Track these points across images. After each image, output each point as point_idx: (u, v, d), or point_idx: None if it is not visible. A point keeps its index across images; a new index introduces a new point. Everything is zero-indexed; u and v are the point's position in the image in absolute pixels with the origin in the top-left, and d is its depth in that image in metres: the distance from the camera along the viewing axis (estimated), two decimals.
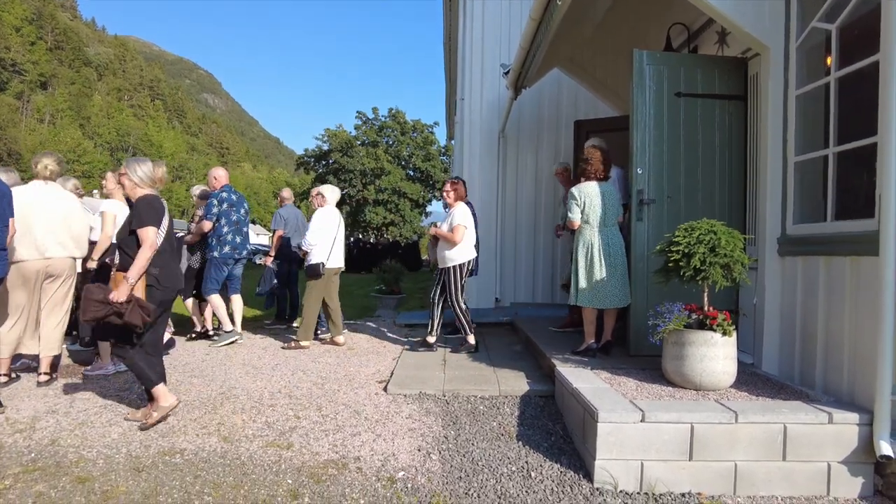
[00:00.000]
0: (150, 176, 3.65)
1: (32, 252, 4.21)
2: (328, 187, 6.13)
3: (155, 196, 3.63)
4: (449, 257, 5.25)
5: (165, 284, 3.55)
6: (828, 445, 2.92)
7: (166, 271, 3.58)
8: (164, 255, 3.58)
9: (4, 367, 4.31)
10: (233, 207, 6.09)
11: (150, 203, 3.53)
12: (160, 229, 3.52)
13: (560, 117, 8.12)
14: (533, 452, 3.23)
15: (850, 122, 3.46)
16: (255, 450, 3.22)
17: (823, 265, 3.43)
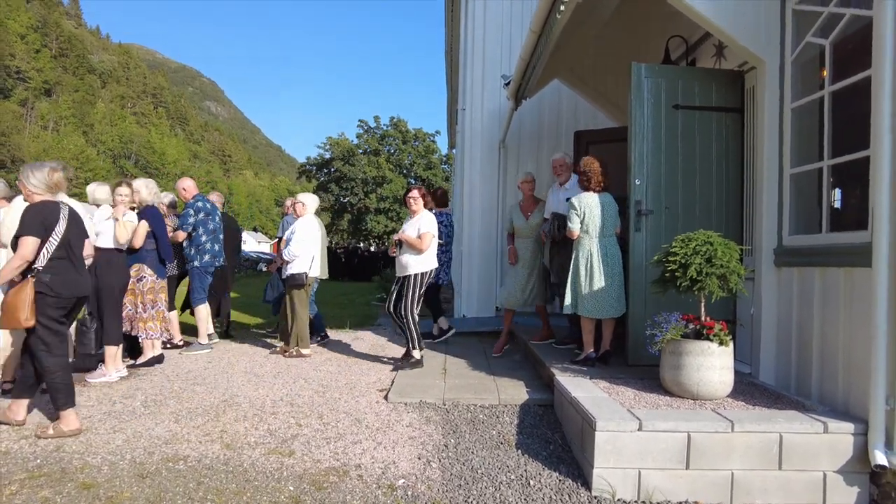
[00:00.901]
0: (45, 182, 3.62)
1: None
2: (308, 195, 6.16)
3: (46, 203, 3.59)
4: (410, 265, 5.05)
5: (58, 292, 3.52)
6: (823, 455, 2.96)
7: (61, 279, 3.54)
8: (59, 262, 3.55)
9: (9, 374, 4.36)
10: (209, 216, 6.19)
11: (38, 211, 3.52)
12: (53, 236, 3.52)
13: (560, 128, 8.20)
14: (532, 461, 3.27)
15: (844, 135, 3.51)
16: (258, 457, 3.26)
17: (819, 276, 3.48)
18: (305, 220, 5.91)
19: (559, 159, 5.56)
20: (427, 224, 5.09)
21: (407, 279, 5.09)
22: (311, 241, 5.84)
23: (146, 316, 5.27)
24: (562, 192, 5.39)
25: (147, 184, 5.55)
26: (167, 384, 4.68)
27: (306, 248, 5.77)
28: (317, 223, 6.00)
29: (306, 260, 5.78)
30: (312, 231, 5.88)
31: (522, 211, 5.57)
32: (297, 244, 5.73)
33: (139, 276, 5.28)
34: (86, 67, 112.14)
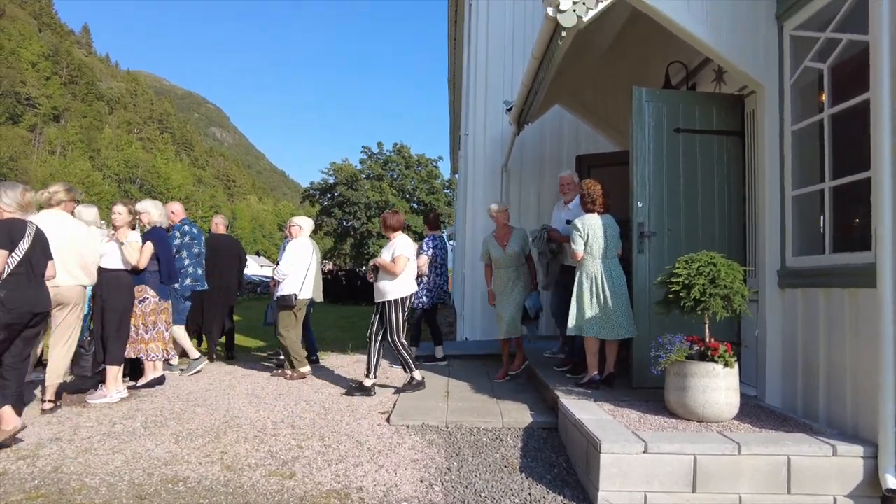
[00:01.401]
0: (17, 201, 3.82)
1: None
2: (303, 218, 6.18)
3: (14, 221, 3.76)
4: (388, 290, 4.97)
5: (11, 307, 3.61)
6: (833, 479, 2.91)
7: (15, 294, 3.63)
8: (16, 278, 3.66)
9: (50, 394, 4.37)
10: (194, 241, 6.23)
11: (6, 227, 3.67)
12: (16, 252, 3.65)
13: (561, 152, 8.27)
14: (536, 484, 3.22)
15: (845, 156, 3.54)
16: (258, 479, 3.22)
17: (823, 297, 3.47)
18: (298, 241, 5.90)
19: (567, 177, 5.55)
20: (401, 247, 5.03)
21: (386, 306, 5.02)
22: (303, 262, 5.81)
23: (147, 337, 5.25)
24: (564, 211, 5.38)
25: (156, 205, 5.61)
26: (168, 405, 4.64)
27: (297, 269, 5.75)
28: (311, 245, 5.99)
29: (297, 281, 5.75)
30: (304, 253, 5.85)
31: (498, 241, 5.40)
32: (286, 264, 5.73)
33: (142, 298, 5.27)
34: (94, 94, 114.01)
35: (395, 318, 5.00)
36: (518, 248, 5.31)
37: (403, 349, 5.05)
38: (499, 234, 5.45)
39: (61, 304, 4.40)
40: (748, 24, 4.06)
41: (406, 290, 5.06)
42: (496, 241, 5.41)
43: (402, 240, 5.14)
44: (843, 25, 3.51)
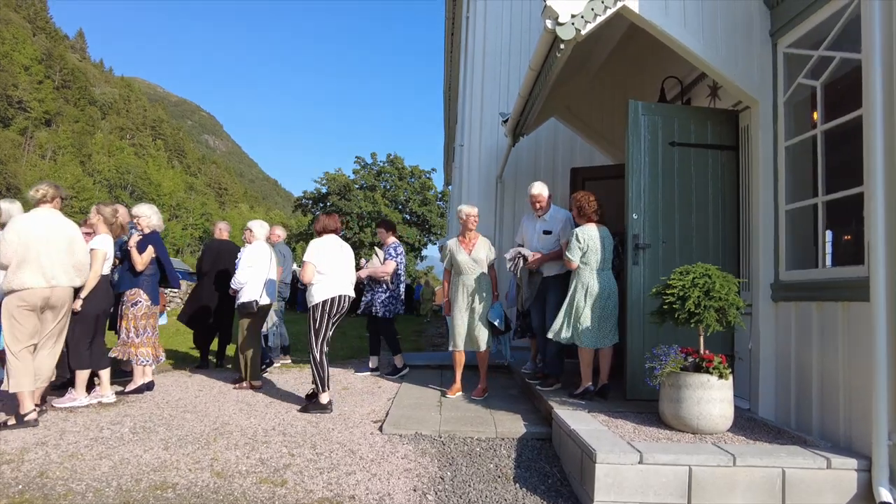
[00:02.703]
0: None
1: (39, 279, 4.10)
2: (258, 222, 6.06)
3: None
4: (308, 295, 4.84)
5: None
6: (827, 491, 2.92)
7: None
8: None
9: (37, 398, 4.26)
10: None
11: None
12: None
13: (556, 165, 8.32)
14: (530, 495, 3.19)
15: (838, 172, 3.59)
16: (249, 486, 3.17)
17: (816, 310, 3.50)
18: (252, 247, 5.75)
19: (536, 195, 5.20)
20: (307, 253, 4.84)
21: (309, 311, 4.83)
22: (260, 268, 5.66)
23: (138, 341, 5.20)
24: (540, 222, 5.15)
25: (153, 208, 5.58)
26: (157, 411, 4.58)
27: (255, 276, 5.61)
28: (268, 250, 5.86)
29: (254, 288, 5.62)
30: (261, 258, 5.70)
31: (463, 245, 5.17)
32: (242, 272, 5.60)
33: (134, 301, 5.23)
34: (87, 99, 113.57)
35: (312, 325, 4.74)
36: (483, 255, 5.10)
37: (316, 364, 4.71)
38: (464, 238, 5.21)
39: (54, 306, 4.26)
40: (743, 40, 4.13)
41: (321, 296, 4.73)
42: (461, 246, 5.17)
43: (312, 244, 4.89)
44: (836, 44, 3.58)
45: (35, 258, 4.11)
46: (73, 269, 4.35)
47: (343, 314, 4.94)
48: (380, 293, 6.30)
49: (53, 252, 4.21)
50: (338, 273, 4.87)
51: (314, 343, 4.73)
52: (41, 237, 4.16)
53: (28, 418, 4.03)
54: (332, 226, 5.06)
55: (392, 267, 6.28)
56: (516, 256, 5.02)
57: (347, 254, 5.09)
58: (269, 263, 5.78)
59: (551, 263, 5.01)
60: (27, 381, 4.07)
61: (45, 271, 4.14)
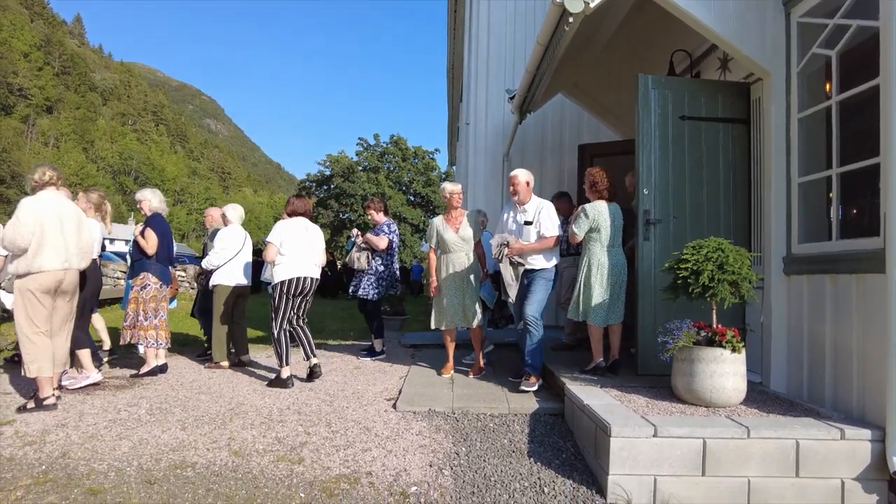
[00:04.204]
0: None
1: (55, 262, 4.10)
2: (231, 206, 6.11)
3: None
4: (270, 275, 4.99)
5: None
6: (841, 462, 2.93)
7: None
8: None
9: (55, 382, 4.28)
10: None
11: None
12: None
13: (563, 141, 8.25)
14: (545, 469, 3.23)
15: (853, 143, 3.55)
16: (267, 464, 3.22)
17: (830, 283, 3.48)
18: (226, 230, 5.84)
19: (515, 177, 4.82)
20: (270, 235, 5.01)
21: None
22: (232, 251, 5.75)
23: (147, 324, 5.23)
24: (520, 213, 4.77)
25: (155, 192, 5.60)
26: (172, 393, 4.63)
27: (226, 258, 5.72)
28: (241, 234, 5.92)
29: (225, 270, 5.72)
30: (234, 241, 5.78)
31: (449, 223, 5.09)
32: (215, 255, 5.71)
33: (143, 285, 5.26)
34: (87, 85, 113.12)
35: (272, 304, 4.95)
36: (470, 232, 5.01)
37: (275, 341, 4.93)
38: (450, 216, 5.14)
39: (66, 290, 4.28)
40: (755, 10, 4.05)
41: (282, 275, 4.91)
42: (447, 224, 5.09)
43: (277, 225, 5.06)
44: (852, 12, 3.50)
45: (51, 241, 4.11)
46: (81, 251, 4.36)
47: (307, 295, 5.14)
48: (369, 275, 6.18)
49: (68, 235, 4.22)
50: (301, 255, 5.01)
51: (274, 321, 4.96)
52: (55, 220, 4.16)
53: (47, 402, 4.08)
54: (301, 208, 5.21)
55: (385, 242, 6.18)
56: (502, 244, 4.75)
57: (314, 236, 5.20)
58: (242, 245, 5.88)
59: (536, 256, 4.63)
60: (46, 365, 4.09)
61: (61, 254, 4.15)
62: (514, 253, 4.62)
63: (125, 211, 79.40)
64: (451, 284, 4.99)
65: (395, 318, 9.27)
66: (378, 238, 6.15)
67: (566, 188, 8.02)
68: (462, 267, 4.99)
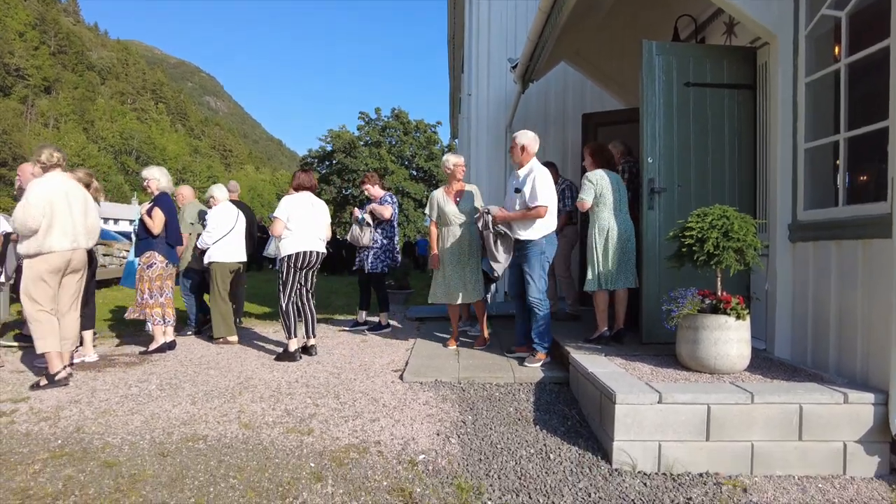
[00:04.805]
0: None
1: (65, 242, 4.16)
2: (215, 187, 6.30)
3: None
4: (277, 249, 5.09)
5: None
6: (843, 425, 2.96)
7: None
8: None
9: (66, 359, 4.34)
10: None
11: None
12: None
13: (567, 111, 8.16)
14: (550, 436, 3.27)
15: (861, 107, 3.49)
16: (277, 436, 3.27)
17: (835, 249, 3.47)
18: (217, 209, 6.01)
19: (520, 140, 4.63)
20: (277, 210, 5.08)
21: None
22: (224, 229, 5.92)
23: (153, 302, 5.28)
24: (514, 178, 4.64)
25: (162, 171, 5.61)
26: (181, 368, 4.70)
27: (218, 237, 5.89)
28: (232, 211, 6.07)
29: (219, 247, 5.90)
30: (225, 220, 5.96)
31: (450, 197, 5.06)
32: (208, 234, 5.88)
33: (150, 263, 5.29)
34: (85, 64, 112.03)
35: (280, 277, 5.05)
36: (471, 205, 4.99)
37: (282, 313, 5.04)
38: (451, 189, 5.10)
39: (76, 269, 4.34)
40: None
41: (287, 250, 5.01)
42: (448, 197, 5.07)
43: (283, 200, 5.12)
44: None
45: (60, 222, 4.16)
46: (88, 231, 4.42)
47: (314, 268, 5.21)
48: (375, 248, 6.19)
49: (76, 215, 4.27)
50: (307, 229, 5.08)
51: (281, 294, 5.03)
52: (63, 201, 4.20)
53: (59, 378, 4.15)
54: (307, 183, 5.27)
55: (390, 211, 6.20)
56: (483, 212, 4.67)
57: (320, 211, 5.26)
58: (235, 222, 6.03)
59: (524, 224, 4.43)
60: (53, 341, 4.15)
61: (69, 234, 4.21)
62: (497, 221, 4.52)
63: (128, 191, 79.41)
64: (452, 258, 4.98)
65: (400, 292, 9.31)
66: (383, 207, 6.16)
67: (570, 158, 7.98)
68: (463, 240, 4.97)
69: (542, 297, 4.37)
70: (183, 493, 2.63)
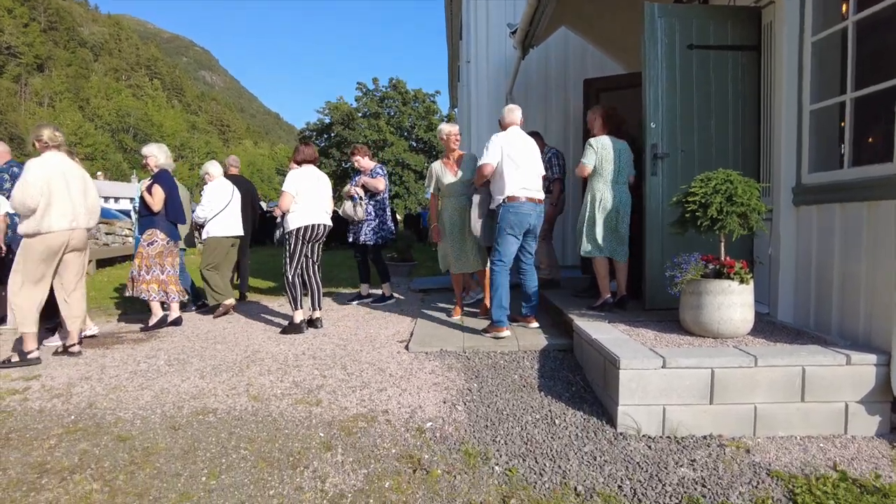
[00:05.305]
0: None
1: (63, 222, 4.19)
2: (209, 164, 6.39)
3: None
4: (284, 223, 5.10)
5: None
6: (845, 386, 2.99)
7: None
8: None
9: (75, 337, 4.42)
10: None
11: None
12: None
13: (568, 77, 8.03)
14: (555, 402, 3.32)
15: (869, 66, 3.42)
16: (285, 407, 3.32)
17: (839, 212, 3.45)
18: (213, 184, 6.14)
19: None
20: (285, 184, 5.09)
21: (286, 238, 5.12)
22: (220, 204, 6.06)
23: (149, 278, 5.29)
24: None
25: (160, 147, 5.58)
26: (188, 344, 4.74)
27: (214, 211, 6.03)
28: (227, 186, 6.19)
29: (216, 222, 6.03)
30: (221, 195, 6.09)
31: (448, 167, 5.02)
32: (201, 209, 6.06)
33: (151, 241, 5.30)
34: (76, 41, 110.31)
35: (287, 250, 5.07)
36: (470, 174, 4.90)
37: (289, 286, 5.07)
38: (448, 159, 5.07)
39: (76, 248, 4.39)
40: None
41: (295, 223, 5.02)
42: (446, 168, 5.04)
43: (291, 174, 5.13)
44: None
45: (58, 202, 4.18)
46: (88, 211, 4.45)
47: (320, 241, 5.26)
48: (369, 221, 6.20)
49: (74, 195, 4.29)
50: (314, 203, 5.11)
51: (287, 266, 5.08)
52: (61, 181, 4.22)
53: (31, 356, 4.21)
54: (311, 156, 5.29)
55: (383, 183, 6.21)
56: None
57: (324, 184, 5.29)
58: (230, 197, 6.16)
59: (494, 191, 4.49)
60: (31, 322, 4.21)
61: (68, 214, 4.24)
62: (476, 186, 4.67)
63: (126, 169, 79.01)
64: (454, 228, 4.96)
65: (403, 265, 9.34)
66: (375, 180, 6.15)
67: (572, 125, 7.89)
68: (464, 210, 4.93)
69: (496, 260, 4.36)
70: (196, 464, 2.69)
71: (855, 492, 2.42)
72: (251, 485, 2.51)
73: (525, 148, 4.43)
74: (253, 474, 2.59)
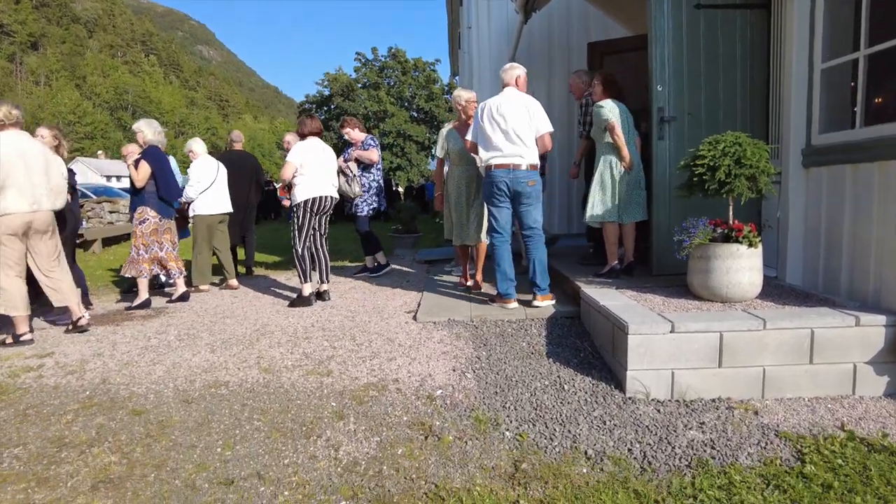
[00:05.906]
0: None
1: (22, 204, 4.05)
2: (193, 141, 6.36)
3: None
4: (292, 195, 5.14)
5: None
6: (854, 347, 2.99)
7: None
8: None
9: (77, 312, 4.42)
10: None
11: None
12: None
13: (571, 41, 7.86)
14: (564, 368, 3.34)
15: (883, 21, 3.33)
16: (297, 378, 3.36)
17: (850, 173, 3.40)
18: (197, 163, 6.12)
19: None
20: (290, 155, 5.10)
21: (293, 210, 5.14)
22: (206, 182, 6.06)
23: (148, 257, 5.28)
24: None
25: (150, 123, 5.52)
26: (197, 319, 4.78)
27: (200, 190, 6.03)
28: (212, 163, 6.18)
29: (203, 200, 6.05)
30: (206, 173, 6.09)
31: (461, 134, 4.76)
32: (190, 188, 6.03)
33: (142, 219, 5.27)
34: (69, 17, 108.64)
35: (295, 223, 5.10)
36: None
37: (297, 258, 5.12)
38: (462, 126, 4.80)
39: (39, 231, 4.21)
40: None
41: (302, 195, 5.05)
42: (459, 134, 4.80)
43: (296, 146, 5.13)
44: None
45: (16, 183, 4.01)
46: (51, 192, 4.27)
47: (328, 213, 5.28)
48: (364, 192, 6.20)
49: (34, 176, 4.12)
50: (319, 175, 5.12)
51: (297, 239, 5.12)
52: (19, 161, 4.03)
53: (24, 339, 4.21)
54: (316, 129, 5.30)
55: (377, 154, 6.18)
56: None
57: (329, 156, 5.30)
58: (216, 175, 6.15)
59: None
60: (21, 305, 4.15)
61: (28, 196, 4.07)
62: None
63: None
64: (459, 199, 4.86)
65: (408, 236, 9.33)
66: (368, 152, 6.12)
67: None
68: (471, 180, 4.83)
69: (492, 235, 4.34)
70: (210, 436, 2.73)
71: (862, 451, 2.44)
72: (266, 454, 2.55)
73: (508, 108, 4.16)
74: (267, 444, 2.63)
